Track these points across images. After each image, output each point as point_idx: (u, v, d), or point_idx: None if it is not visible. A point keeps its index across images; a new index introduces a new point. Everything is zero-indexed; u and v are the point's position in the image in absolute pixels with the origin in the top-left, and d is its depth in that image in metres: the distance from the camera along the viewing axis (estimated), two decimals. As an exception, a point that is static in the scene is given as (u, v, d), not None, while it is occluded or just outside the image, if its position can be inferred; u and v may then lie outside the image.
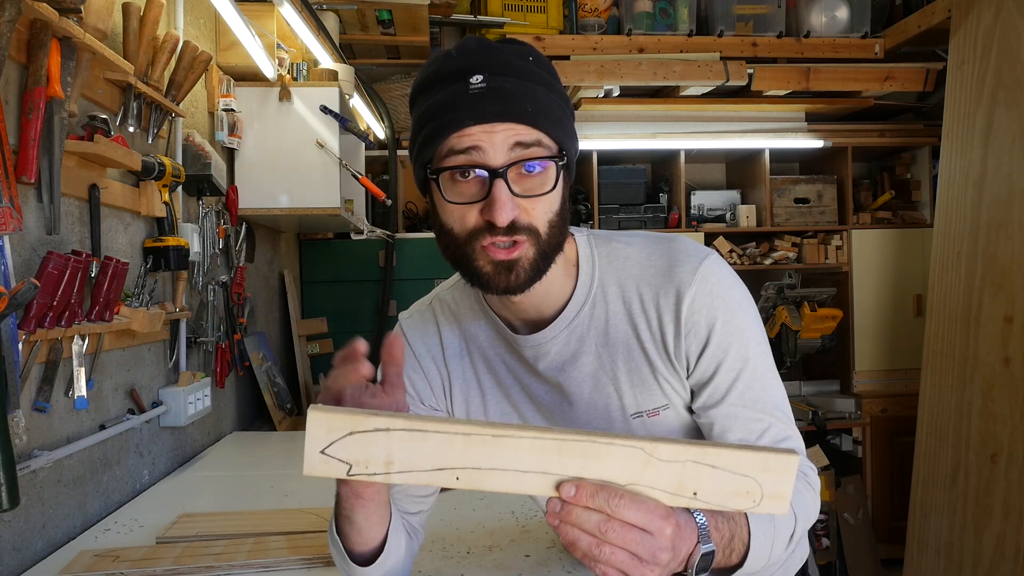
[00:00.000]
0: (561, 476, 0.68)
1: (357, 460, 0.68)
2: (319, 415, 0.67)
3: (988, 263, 2.75)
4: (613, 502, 0.67)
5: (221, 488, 1.71)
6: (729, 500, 0.70)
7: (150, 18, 1.62)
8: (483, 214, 0.82)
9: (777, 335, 3.50)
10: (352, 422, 0.67)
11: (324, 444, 0.67)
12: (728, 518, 0.79)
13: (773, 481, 0.70)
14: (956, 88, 2.94)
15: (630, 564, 0.69)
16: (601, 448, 0.68)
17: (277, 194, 2.38)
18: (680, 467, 0.69)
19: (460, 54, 0.85)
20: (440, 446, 0.67)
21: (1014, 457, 2.59)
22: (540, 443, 0.68)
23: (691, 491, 0.70)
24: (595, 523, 0.68)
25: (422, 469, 0.68)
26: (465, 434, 0.67)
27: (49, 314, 1.24)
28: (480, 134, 0.81)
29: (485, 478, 0.68)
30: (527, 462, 0.68)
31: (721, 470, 0.69)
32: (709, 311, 0.90)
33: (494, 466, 0.68)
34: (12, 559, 1.21)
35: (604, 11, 3.49)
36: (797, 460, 0.70)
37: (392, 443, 0.67)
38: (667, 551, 0.70)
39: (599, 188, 3.57)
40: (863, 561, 3.43)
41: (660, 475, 0.69)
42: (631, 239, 0.98)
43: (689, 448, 0.69)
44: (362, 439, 0.67)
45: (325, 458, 0.67)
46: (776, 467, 0.70)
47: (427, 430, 0.67)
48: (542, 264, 0.85)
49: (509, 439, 0.67)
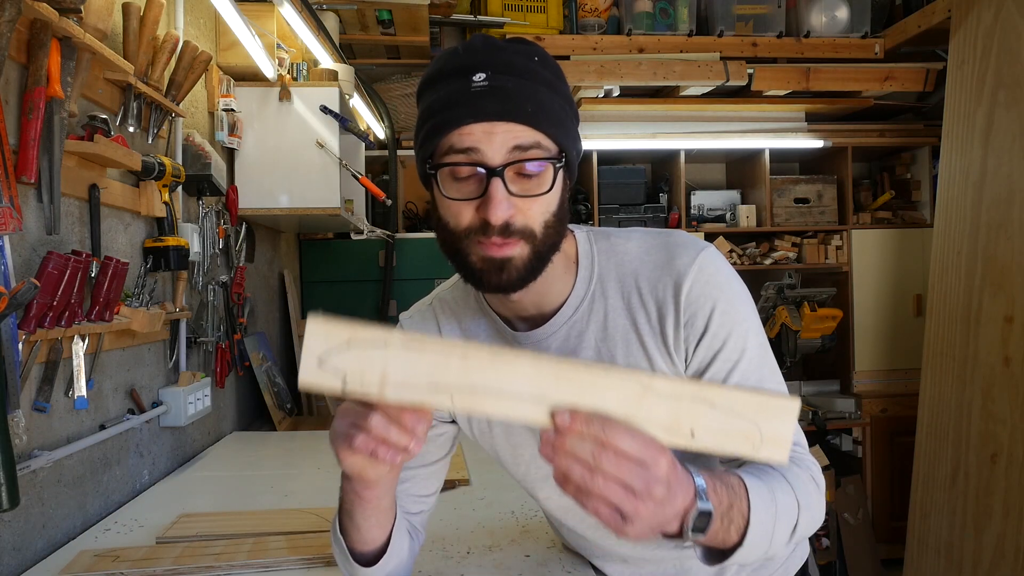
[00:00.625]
0: (557, 403, 0.67)
1: (352, 372, 0.67)
2: (318, 323, 0.66)
3: (988, 263, 2.75)
4: (608, 430, 0.66)
5: (221, 488, 1.71)
6: (727, 442, 0.68)
7: (150, 18, 1.62)
8: (479, 212, 0.83)
9: (777, 335, 3.50)
10: (351, 332, 0.67)
11: (321, 352, 0.66)
12: (728, 487, 0.77)
13: (772, 425, 0.68)
14: (956, 88, 2.94)
15: (623, 496, 0.66)
16: (598, 377, 0.67)
17: (277, 194, 2.38)
18: (677, 403, 0.68)
19: (466, 51, 0.85)
20: (436, 364, 0.67)
21: (1014, 457, 2.59)
22: (537, 367, 0.67)
23: (688, 429, 0.68)
24: (588, 451, 0.66)
25: (417, 387, 0.67)
26: (463, 354, 0.67)
27: (49, 314, 1.24)
28: (480, 133, 0.81)
29: (480, 401, 0.67)
30: (523, 386, 0.67)
31: (719, 410, 0.68)
32: (707, 300, 0.90)
33: (489, 388, 0.67)
34: (12, 559, 1.21)
35: (604, 11, 3.49)
36: (797, 405, 0.69)
37: (389, 358, 0.67)
38: (662, 485, 0.67)
39: (599, 188, 3.57)
40: (863, 561, 3.43)
41: (656, 410, 0.68)
42: (630, 234, 0.98)
43: (687, 384, 0.69)
44: (359, 351, 0.66)
45: (321, 368, 0.66)
46: (775, 410, 0.68)
47: (425, 347, 0.67)
48: (536, 264, 0.85)
49: (505, 360, 0.67)
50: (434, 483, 1.06)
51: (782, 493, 0.83)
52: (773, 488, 0.82)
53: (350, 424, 0.73)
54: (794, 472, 0.87)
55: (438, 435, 1.05)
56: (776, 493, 0.82)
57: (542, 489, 1.05)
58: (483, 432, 1.04)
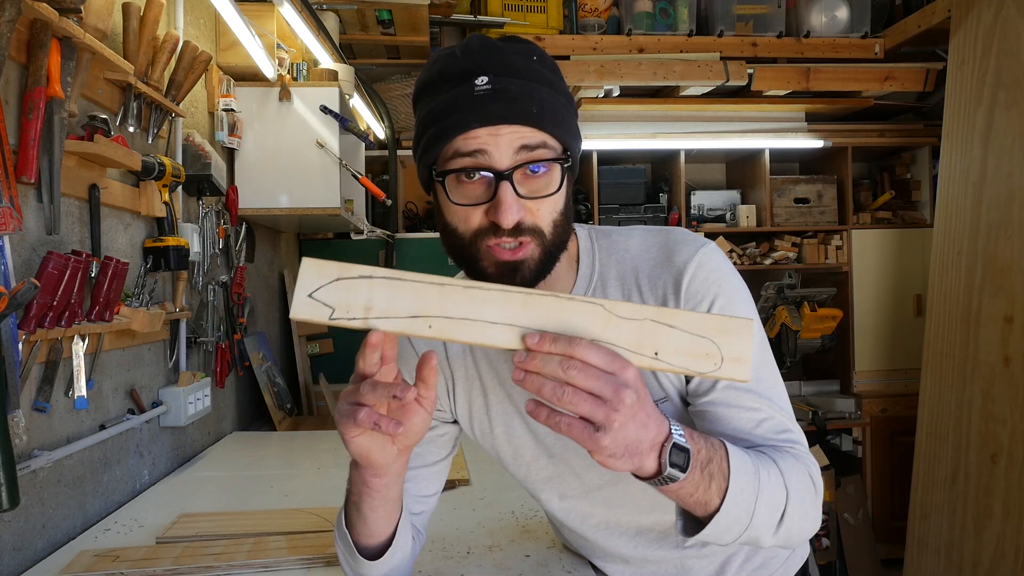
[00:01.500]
0: (526, 328, 0.72)
1: (339, 304, 0.72)
2: (311, 262, 0.73)
3: (988, 263, 2.75)
4: (575, 345, 0.69)
5: (221, 488, 1.71)
6: (690, 362, 0.72)
7: (150, 18, 1.62)
8: (488, 215, 0.83)
9: (777, 335, 3.50)
10: (340, 269, 0.73)
11: (312, 288, 0.72)
12: (707, 441, 0.78)
13: (732, 343, 0.72)
14: (956, 88, 2.94)
15: (593, 407, 0.69)
16: (563, 303, 0.72)
17: (277, 194, 2.38)
18: (639, 324, 0.72)
19: (464, 54, 0.85)
20: (416, 294, 0.72)
21: (1014, 457, 2.59)
22: (507, 296, 0.72)
23: (652, 350, 0.72)
24: (556, 364, 0.69)
25: (398, 316, 0.72)
26: (440, 284, 0.72)
27: (49, 314, 1.24)
28: (486, 136, 0.81)
29: (456, 328, 0.72)
30: (495, 313, 0.72)
31: (679, 330, 0.72)
32: (707, 294, 0.90)
33: (464, 316, 0.72)
34: (12, 559, 1.21)
35: (604, 11, 3.49)
36: (752, 323, 0.73)
37: (374, 289, 0.72)
38: (631, 390, 0.69)
39: (599, 188, 3.57)
40: (863, 561, 3.43)
41: (621, 332, 0.72)
42: (630, 232, 0.98)
43: (647, 307, 0.73)
44: (346, 285, 0.72)
45: (311, 301, 0.72)
46: (734, 329, 0.72)
47: (405, 279, 0.73)
48: (547, 264, 0.86)
49: (478, 291, 0.72)
50: (435, 483, 1.06)
51: (768, 472, 0.82)
52: (759, 465, 0.82)
53: (351, 403, 0.75)
54: (788, 461, 0.86)
55: (439, 435, 1.05)
56: (761, 470, 0.81)
57: (543, 490, 1.05)
58: (484, 433, 1.04)
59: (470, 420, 1.04)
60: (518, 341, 0.71)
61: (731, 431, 0.90)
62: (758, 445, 0.89)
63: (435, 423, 1.05)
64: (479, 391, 1.03)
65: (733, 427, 0.90)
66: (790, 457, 0.87)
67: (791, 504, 0.83)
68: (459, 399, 1.04)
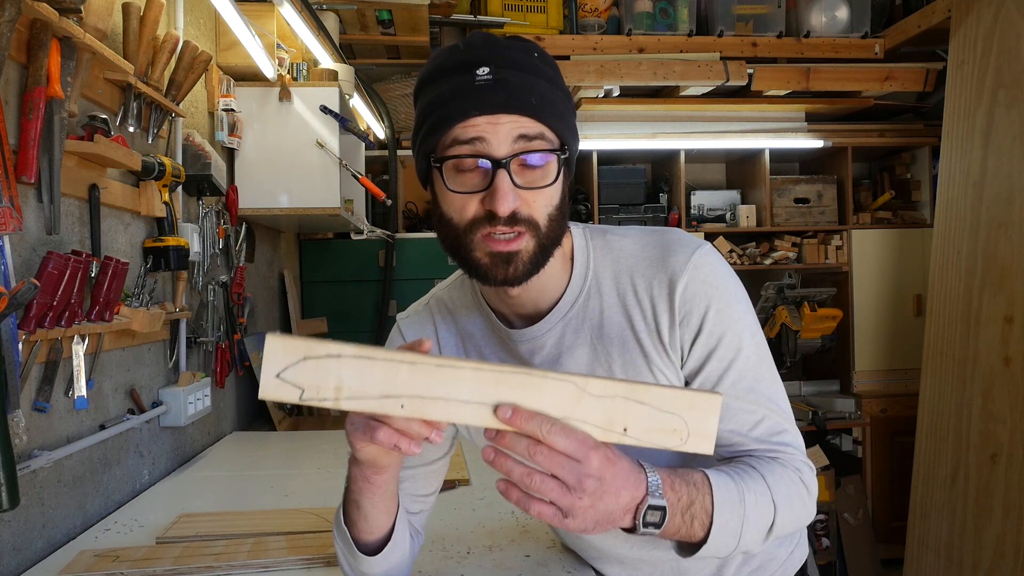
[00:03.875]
0: (499, 405, 0.71)
1: (309, 385, 0.70)
2: (276, 340, 0.70)
3: (988, 263, 2.75)
4: (545, 427, 0.70)
5: (221, 488, 1.71)
6: (657, 437, 0.73)
7: (150, 18, 1.62)
8: (484, 204, 0.83)
9: (777, 335, 3.50)
10: (307, 347, 0.70)
11: (280, 368, 0.70)
12: (688, 483, 0.80)
13: (698, 419, 0.73)
14: (956, 88, 2.94)
15: (559, 493, 0.71)
16: (536, 381, 0.72)
17: (277, 194, 2.38)
18: (610, 402, 0.72)
19: (467, 47, 0.85)
20: (387, 374, 0.70)
21: (1014, 457, 2.59)
22: (479, 374, 0.71)
23: (621, 427, 0.73)
24: (524, 446, 0.70)
25: (370, 396, 0.71)
26: (410, 363, 0.71)
27: (49, 314, 1.24)
28: (484, 125, 0.82)
29: (429, 407, 0.71)
30: (467, 392, 0.71)
31: (649, 406, 0.72)
32: (702, 299, 0.90)
33: (437, 395, 0.71)
34: (12, 559, 1.21)
35: (604, 11, 3.48)
36: (720, 399, 0.73)
37: (343, 369, 0.70)
38: (593, 479, 0.72)
39: (599, 188, 3.57)
40: (863, 561, 3.43)
41: (592, 410, 0.72)
42: (626, 231, 0.98)
43: (619, 384, 0.73)
44: (315, 364, 0.70)
45: (280, 382, 0.70)
46: (701, 406, 0.73)
47: (375, 357, 0.71)
48: (541, 257, 0.86)
49: (450, 369, 0.71)
50: (433, 483, 1.06)
51: (754, 494, 0.85)
52: (744, 489, 0.84)
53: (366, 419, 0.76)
54: (776, 472, 0.89)
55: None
56: (746, 494, 0.84)
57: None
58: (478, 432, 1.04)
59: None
60: (491, 419, 0.71)
61: (728, 432, 0.91)
62: (752, 449, 0.92)
63: (433, 423, 1.05)
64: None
65: (731, 427, 0.91)
66: (778, 466, 0.90)
67: (779, 516, 0.87)
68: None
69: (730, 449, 0.93)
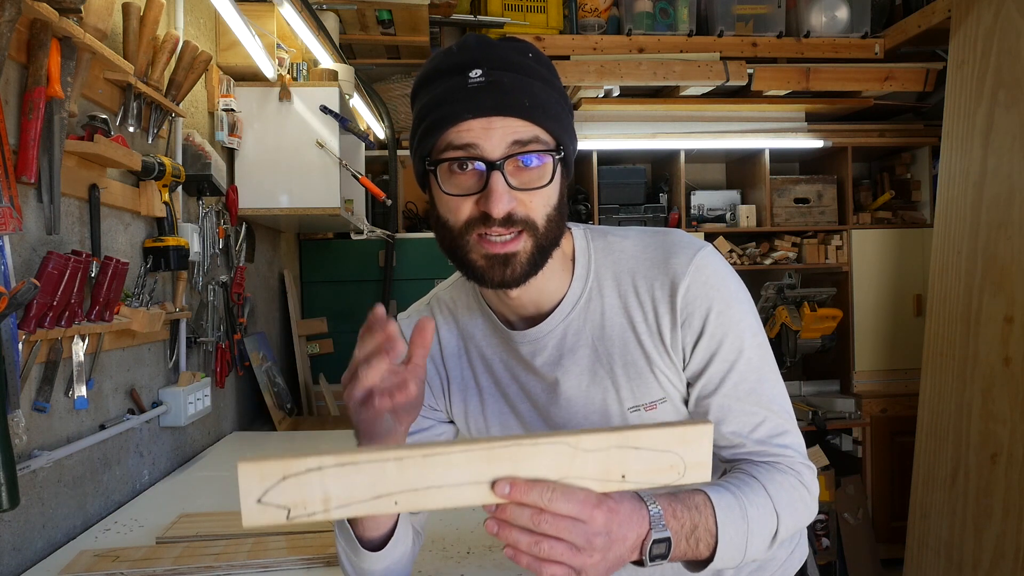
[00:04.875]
0: (495, 479, 0.70)
1: (295, 503, 0.67)
2: (249, 466, 0.66)
3: (988, 263, 2.75)
4: (546, 496, 0.70)
5: (221, 488, 1.71)
6: (656, 476, 0.73)
7: (150, 18, 1.62)
8: (479, 205, 0.83)
9: (777, 335, 3.50)
10: (284, 467, 0.66)
11: (259, 493, 0.66)
12: (690, 508, 0.80)
13: (692, 451, 0.73)
14: (956, 88, 2.94)
15: (569, 554, 0.71)
16: (528, 449, 0.70)
17: (277, 194, 2.38)
18: (605, 454, 0.71)
19: (460, 50, 0.86)
20: (374, 475, 0.67)
21: (1014, 457, 2.59)
22: (469, 455, 0.69)
23: (619, 475, 0.72)
24: (528, 517, 0.70)
25: (361, 500, 0.68)
26: (396, 459, 0.68)
27: (49, 314, 1.24)
28: (478, 129, 0.82)
29: (423, 498, 0.69)
30: (460, 475, 0.69)
31: (643, 450, 0.72)
32: (703, 301, 0.90)
33: (430, 485, 0.68)
34: (12, 559, 1.21)
35: (604, 11, 3.48)
36: (711, 428, 0.73)
37: (327, 480, 0.67)
38: (601, 535, 0.72)
39: (599, 188, 3.57)
40: (863, 561, 3.43)
41: (588, 465, 0.71)
42: (626, 232, 0.98)
43: (611, 435, 0.72)
44: (296, 482, 0.66)
45: (262, 507, 0.66)
46: (693, 438, 0.73)
47: (359, 461, 0.67)
48: (539, 258, 0.86)
49: (439, 456, 0.68)
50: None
51: (756, 506, 0.85)
52: (746, 502, 0.84)
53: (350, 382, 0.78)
54: (776, 481, 0.89)
55: (436, 435, 1.05)
56: (748, 508, 0.84)
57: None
58: (480, 432, 1.04)
59: (466, 420, 1.04)
60: (491, 495, 0.70)
61: (730, 433, 0.92)
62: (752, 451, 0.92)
63: (432, 423, 1.05)
64: (474, 391, 1.02)
65: (732, 429, 0.92)
66: (778, 473, 0.90)
67: (782, 524, 0.88)
68: (454, 399, 1.04)
69: (731, 451, 0.93)
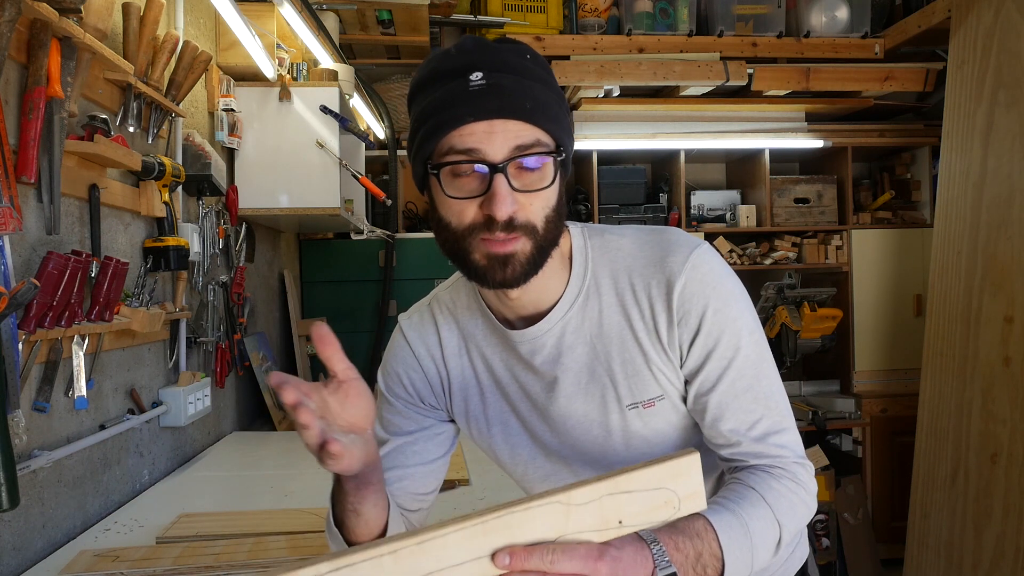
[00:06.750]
0: (494, 551, 0.70)
1: None
2: None
3: (988, 263, 2.75)
4: (547, 558, 0.70)
5: (221, 488, 1.71)
6: (653, 516, 0.73)
7: (150, 18, 1.62)
8: (482, 208, 0.83)
9: (777, 335, 3.50)
10: None
11: None
12: (691, 536, 0.79)
13: (684, 484, 0.73)
14: (956, 88, 2.94)
15: None
16: (520, 515, 0.70)
17: (277, 194, 2.38)
18: (598, 504, 0.72)
19: (459, 52, 0.86)
20: (371, 572, 0.67)
21: (1014, 457, 2.59)
22: (464, 532, 0.69)
23: (616, 521, 0.72)
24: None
25: None
26: (391, 552, 0.67)
27: (49, 314, 1.24)
28: (480, 132, 0.82)
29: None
30: (458, 554, 0.69)
31: (635, 492, 0.72)
32: (700, 299, 0.90)
33: (430, 570, 0.68)
34: (12, 559, 1.21)
35: (604, 11, 3.48)
36: (698, 456, 0.73)
37: None
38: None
39: (599, 188, 3.57)
40: (863, 561, 3.43)
41: (584, 518, 0.72)
42: (624, 231, 0.98)
43: (601, 484, 0.72)
44: None
45: None
46: (683, 469, 0.73)
47: (354, 563, 0.66)
48: (538, 259, 0.86)
49: (434, 540, 0.68)
50: (432, 482, 1.06)
51: (757, 519, 0.85)
52: (746, 517, 0.84)
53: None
54: (774, 489, 0.89)
55: (436, 434, 1.05)
56: (750, 522, 0.84)
57: (540, 489, 1.05)
58: (481, 432, 1.04)
59: (466, 419, 1.05)
60: (492, 568, 0.70)
61: (727, 431, 0.92)
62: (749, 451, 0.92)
63: (432, 421, 1.05)
64: (475, 390, 1.03)
65: (730, 427, 0.92)
66: (774, 480, 0.90)
67: (784, 531, 0.88)
68: (455, 398, 1.04)
69: (729, 450, 0.93)
